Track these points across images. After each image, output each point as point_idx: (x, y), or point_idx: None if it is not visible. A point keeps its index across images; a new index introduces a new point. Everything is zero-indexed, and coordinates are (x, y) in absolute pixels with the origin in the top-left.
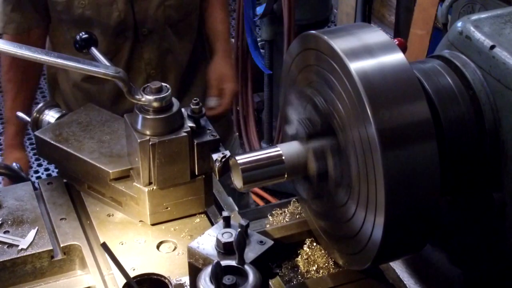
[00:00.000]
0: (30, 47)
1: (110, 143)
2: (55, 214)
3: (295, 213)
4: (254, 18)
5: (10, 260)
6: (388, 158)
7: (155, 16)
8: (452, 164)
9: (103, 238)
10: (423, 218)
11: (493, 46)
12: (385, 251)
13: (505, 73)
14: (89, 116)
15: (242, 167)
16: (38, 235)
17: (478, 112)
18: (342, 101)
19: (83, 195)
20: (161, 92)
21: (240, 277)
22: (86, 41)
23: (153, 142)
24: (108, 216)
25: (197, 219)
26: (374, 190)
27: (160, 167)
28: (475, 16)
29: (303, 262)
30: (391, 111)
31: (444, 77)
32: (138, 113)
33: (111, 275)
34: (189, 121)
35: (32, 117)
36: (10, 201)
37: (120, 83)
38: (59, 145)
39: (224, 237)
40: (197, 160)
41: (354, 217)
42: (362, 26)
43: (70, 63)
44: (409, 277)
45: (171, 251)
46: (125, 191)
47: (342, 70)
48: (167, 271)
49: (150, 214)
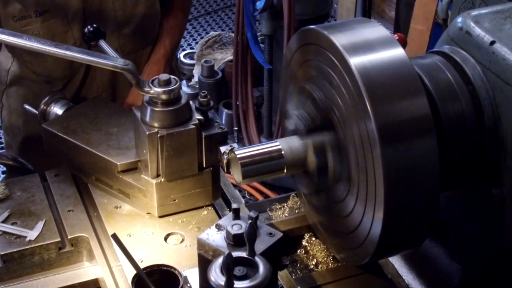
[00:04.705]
0: (39, 39)
1: (118, 135)
2: (62, 206)
3: (294, 208)
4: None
5: (18, 251)
6: (387, 154)
7: (109, 43)
8: (452, 160)
9: (111, 230)
10: (422, 214)
11: (493, 41)
12: (384, 246)
13: (505, 69)
14: (96, 108)
15: (241, 162)
16: (46, 227)
17: (477, 108)
18: (342, 96)
19: (91, 187)
20: (170, 84)
21: (250, 269)
22: (94, 34)
23: (161, 134)
24: (116, 208)
25: (205, 211)
26: (373, 185)
27: (168, 159)
28: (475, 12)
29: (302, 257)
30: (391, 107)
31: (444, 72)
32: (147, 105)
33: (119, 266)
34: (197, 114)
35: (40, 109)
36: (18, 193)
37: (129, 75)
38: (66, 137)
39: (234, 228)
40: (205, 153)
41: (353, 212)
42: (362, 21)
43: (79, 55)
44: (408, 272)
45: (179, 243)
46: (133, 183)
47: (342, 65)
48: (175, 263)
49: (157, 206)
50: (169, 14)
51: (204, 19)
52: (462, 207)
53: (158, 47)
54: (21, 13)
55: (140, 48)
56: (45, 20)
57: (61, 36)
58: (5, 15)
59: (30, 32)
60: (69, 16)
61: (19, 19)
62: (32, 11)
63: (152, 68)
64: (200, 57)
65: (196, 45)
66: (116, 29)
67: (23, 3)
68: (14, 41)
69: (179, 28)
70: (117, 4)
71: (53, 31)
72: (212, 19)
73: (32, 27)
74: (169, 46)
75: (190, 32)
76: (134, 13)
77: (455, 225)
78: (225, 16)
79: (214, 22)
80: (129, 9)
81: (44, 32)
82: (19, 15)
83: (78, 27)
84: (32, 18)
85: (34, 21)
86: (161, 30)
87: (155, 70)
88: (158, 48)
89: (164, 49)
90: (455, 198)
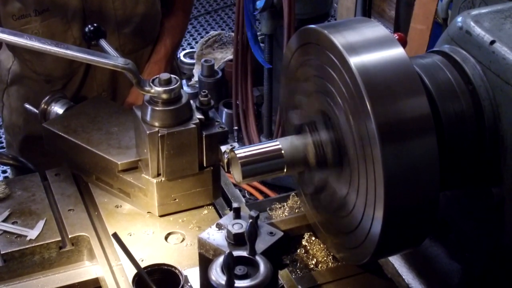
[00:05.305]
0: (40, 38)
1: (118, 135)
2: (63, 205)
3: (294, 207)
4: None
5: (19, 250)
6: (387, 153)
7: (109, 42)
8: (451, 159)
9: (111, 229)
10: (422, 213)
11: (493, 41)
12: (383, 245)
13: (505, 68)
14: (97, 108)
15: (241, 161)
16: (46, 226)
17: (477, 107)
18: (342, 96)
19: (91, 186)
20: (170, 84)
21: (251, 268)
22: (95, 33)
23: (162, 133)
24: (116, 207)
25: (205, 210)
26: (373, 185)
27: (169, 158)
28: (475, 11)
29: (301, 256)
30: (391, 106)
31: (444, 72)
32: (147, 104)
33: (119, 265)
34: (197, 113)
35: (40, 108)
36: (18, 192)
37: (130, 74)
38: (67, 136)
39: (234, 228)
40: (206, 152)
41: (353, 212)
42: (362, 21)
43: (80, 55)
44: (408, 271)
45: (179, 242)
46: (133, 182)
47: (342, 64)
48: (175, 262)
49: (158, 206)
50: (170, 14)
51: (204, 18)
52: (462, 206)
53: (159, 47)
54: (21, 12)
55: (140, 48)
56: (45, 19)
57: (60, 35)
58: (5, 14)
59: (29, 30)
60: (68, 15)
61: (18, 17)
62: (32, 10)
63: (152, 68)
64: (200, 56)
65: (196, 44)
66: (116, 28)
67: (22, 1)
68: (15, 41)
69: (180, 28)
70: (117, 3)
71: (53, 30)
72: (212, 19)
73: (32, 26)
74: (170, 46)
75: (190, 32)
76: (134, 12)
77: (455, 224)
78: (225, 15)
79: (214, 21)
80: (129, 9)
81: (43, 31)
82: (19, 13)
83: (78, 27)
84: (32, 17)
85: (34, 20)
86: (162, 29)
87: (156, 70)
88: (159, 48)
89: (165, 49)
90: (455, 198)
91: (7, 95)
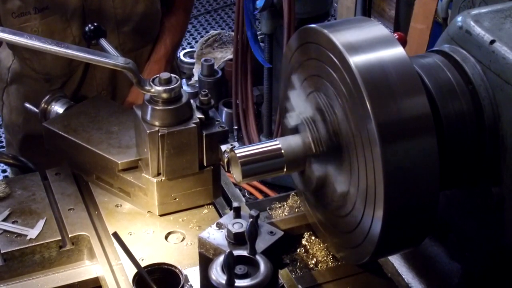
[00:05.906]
0: (40, 37)
1: (119, 134)
2: (63, 204)
3: (294, 206)
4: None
5: (19, 250)
6: (387, 152)
7: (109, 41)
8: (451, 159)
9: (112, 228)
10: (422, 212)
11: (493, 40)
12: (383, 245)
13: (504, 68)
14: (97, 107)
15: (241, 161)
16: (47, 225)
17: (477, 107)
18: (342, 95)
19: (91, 185)
20: (171, 83)
21: (251, 267)
22: (95, 32)
23: (162, 133)
24: (117, 206)
25: (205, 210)
26: (373, 184)
27: (169, 158)
28: (475, 11)
29: (301, 256)
30: (391, 106)
31: (444, 71)
32: (147, 104)
33: (119, 265)
34: (198, 112)
35: (40, 107)
36: (18, 191)
37: (130, 74)
38: (67, 135)
39: (234, 227)
40: (206, 151)
41: (353, 211)
42: (362, 20)
43: (80, 54)
44: (408, 271)
45: (179, 241)
46: (134, 181)
47: (342, 64)
48: (176, 262)
49: (158, 205)
50: (171, 12)
51: (204, 18)
52: (462, 206)
53: (159, 46)
54: (20, 10)
55: (140, 47)
56: (44, 17)
57: (60, 33)
58: (4, 11)
59: (29, 28)
60: (68, 13)
61: (18, 15)
62: (31, 7)
63: (152, 67)
64: (200, 56)
65: (196, 44)
66: (115, 27)
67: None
68: (16, 40)
69: (181, 27)
70: (117, 2)
71: (52, 28)
72: (212, 18)
73: (31, 24)
74: (170, 45)
75: (190, 31)
76: (134, 11)
77: (455, 224)
78: (225, 15)
79: (214, 21)
80: (129, 7)
81: (43, 29)
82: (18, 11)
83: (77, 25)
84: (31, 14)
85: (33, 17)
86: (162, 29)
87: (156, 69)
88: (159, 47)
89: (165, 48)
90: (455, 197)
91: (6, 94)
